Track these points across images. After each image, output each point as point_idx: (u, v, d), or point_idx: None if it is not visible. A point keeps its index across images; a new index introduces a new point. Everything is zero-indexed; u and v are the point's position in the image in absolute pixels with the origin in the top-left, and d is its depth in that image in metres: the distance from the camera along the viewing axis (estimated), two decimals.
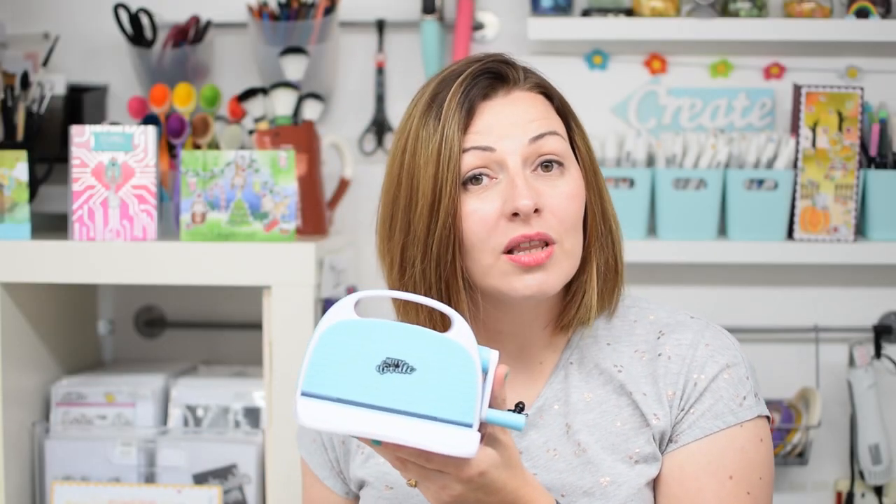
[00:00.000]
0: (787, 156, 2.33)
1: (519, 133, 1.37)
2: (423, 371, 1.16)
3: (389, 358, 1.16)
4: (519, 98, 1.40)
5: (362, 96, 2.51)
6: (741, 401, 1.39)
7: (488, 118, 1.38)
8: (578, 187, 1.39)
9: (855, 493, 2.42)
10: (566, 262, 1.38)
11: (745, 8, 2.37)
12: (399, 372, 1.15)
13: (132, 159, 2.09)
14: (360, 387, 1.15)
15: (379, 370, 1.15)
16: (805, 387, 2.42)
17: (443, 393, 1.16)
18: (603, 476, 1.38)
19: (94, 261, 2.08)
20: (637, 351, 1.42)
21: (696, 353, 1.40)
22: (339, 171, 2.42)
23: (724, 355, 1.41)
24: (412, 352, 1.16)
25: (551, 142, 1.38)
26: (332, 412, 1.14)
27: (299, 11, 2.40)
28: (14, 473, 2.15)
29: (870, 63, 2.44)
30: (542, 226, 1.36)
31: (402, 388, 1.15)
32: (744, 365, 1.42)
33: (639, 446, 1.38)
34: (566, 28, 2.39)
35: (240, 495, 2.15)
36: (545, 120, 1.39)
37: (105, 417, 2.21)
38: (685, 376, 1.39)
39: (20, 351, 2.17)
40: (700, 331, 1.42)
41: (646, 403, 1.39)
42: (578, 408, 1.41)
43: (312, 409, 1.15)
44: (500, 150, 1.36)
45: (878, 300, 2.46)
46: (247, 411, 2.19)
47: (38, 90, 2.30)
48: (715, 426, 1.38)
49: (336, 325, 1.17)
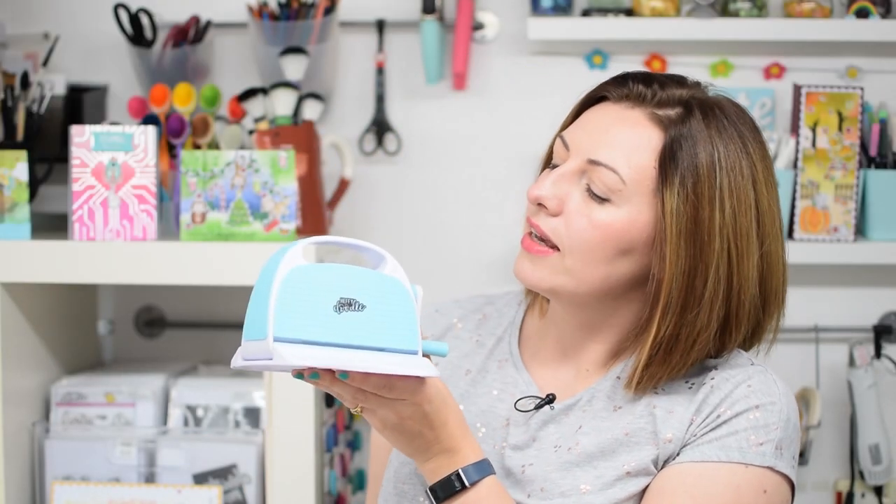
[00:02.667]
0: (787, 156, 2.33)
1: (589, 147, 1.37)
2: (372, 307, 1.24)
3: (343, 298, 1.23)
4: (629, 118, 1.37)
5: (362, 96, 2.51)
6: (758, 445, 1.33)
7: (592, 118, 1.40)
8: (614, 224, 1.35)
9: (855, 493, 2.42)
10: (562, 275, 1.37)
11: (745, 8, 2.37)
12: (353, 310, 1.23)
13: (132, 159, 2.09)
14: (323, 327, 1.22)
15: (336, 309, 1.22)
16: (805, 387, 2.42)
17: (390, 325, 1.24)
18: (585, 482, 1.36)
19: (94, 261, 2.08)
20: (687, 382, 1.39)
21: (736, 390, 1.35)
22: (339, 171, 2.42)
23: (760, 398, 1.35)
24: (360, 290, 1.24)
25: (602, 173, 1.35)
26: (307, 352, 1.21)
27: (299, 11, 2.40)
28: (14, 473, 2.15)
29: (870, 63, 2.44)
30: (547, 225, 1.38)
31: (357, 325, 1.23)
32: (779, 416, 1.35)
33: (636, 460, 1.36)
34: (566, 28, 2.39)
35: (240, 495, 2.15)
36: (619, 151, 1.35)
37: (105, 417, 2.21)
38: (714, 407, 1.35)
39: (20, 351, 2.17)
40: (752, 374, 1.37)
41: (665, 421, 1.36)
42: (602, 415, 1.40)
43: (291, 351, 1.20)
44: (572, 149, 1.39)
45: (878, 300, 2.46)
46: (247, 411, 2.19)
47: (38, 90, 2.30)
48: (716, 455, 1.33)
49: (292, 272, 1.22)
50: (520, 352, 1.50)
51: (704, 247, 1.33)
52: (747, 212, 1.35)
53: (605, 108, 1.40)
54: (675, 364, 1.36)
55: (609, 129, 1.37)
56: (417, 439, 1.29)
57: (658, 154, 1.34)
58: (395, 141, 2.51)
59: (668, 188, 1.33)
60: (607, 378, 1.43)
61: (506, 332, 1.53)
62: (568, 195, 1.37)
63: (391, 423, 1.28)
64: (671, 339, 1.35)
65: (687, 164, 1.33)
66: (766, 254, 1.38)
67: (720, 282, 1.34)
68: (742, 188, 1.35)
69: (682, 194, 1.32)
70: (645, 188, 1.35)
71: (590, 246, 1.36)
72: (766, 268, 1.39)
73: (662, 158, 1.34)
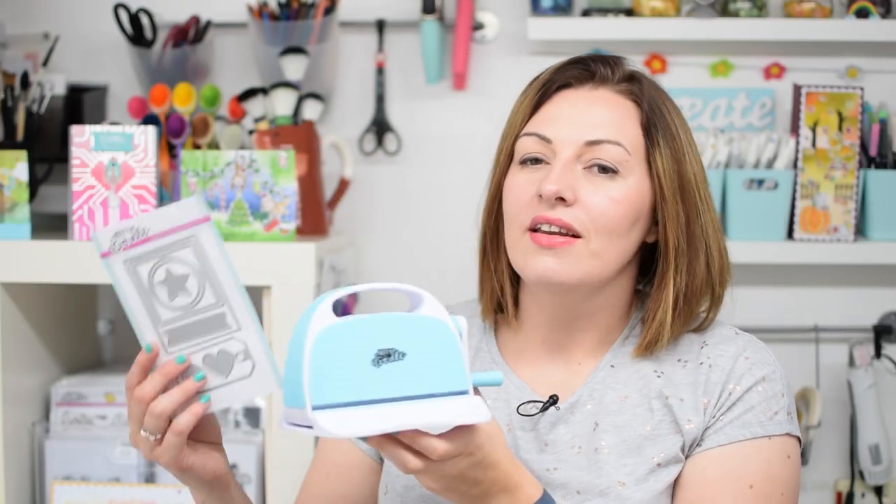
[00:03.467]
0: (787, 156, 2.33)
1: (579, 131, 1.40)
2: (413, 353, 1.19)
3: (381, 349, 1.19)
4: (601, 97, 1.43)
5: (362, 96, 2.51)
6: (772, 415, 1.39)
7: (559, 107, 1.42)
8: (628, 195, 1.39)
9: (855, 493, 2.42)
10: (590, 261, 1.39)
11: (745, 8, 2.37)
12: (393, 360, 1.19)
13: (132, 159, 2.09)
14: (363, 385, 1.17)
15: (375, 363, 1.18)
16: (805, 387, 2.42)
17: (435, 368, 1.20)
18: (620, 478, 1.37)
19: (94, 261, 2.06)
20: (680, 360, 1.43)
21: (736, 365, 1.41)
22: (339, 171, 2.42)
23: (762, 369, 1.42)
24: (398, 338, 1.19)
25: (608, 149, 1.39)
26: (349, 417, 1.17)
27: (299, 11, 2.40)
28: (14, 473, 2.15)
29: (870, 63, 2.44)
30: (568, 216, 1.38)
31: (400, 375, 1.18)
32: (781, 382, 1.42)
33: (664, 450, 1.38)
34: (566, 28, 2.39)
35: None
36: (612, 127, 1.40)
37: (105, 417, 2.21)
38: (722, 385, 1.40)
39: (20, 351, 2.17)
40: (743, 345, 1.44)
41: (681, 409, 1.39)
42: (611, 408, 1.41)
43: (332, 419, 1.16)
44: (556, 141, 1.40)
45: (878, 300, 2.46)
46: (247, 411, 2.19)
47: (38, 90, 2.30)
48: (741, 434, 1.38)
49: (322, 333, 1.18)
50: (502, 357, 1.49)
51: (690, 198, 1.42)
52: (701, 161, 1.45)
53: (571, 93, 1.44)
54: (689, 314, 1.43)
55: (590, 110, 1.41)
56: (475, 488, 1.25)
57: (640, 122, 1.42)
58: (395, 141, 2.51)
59: (656, 151, 1.41)
60: (600, 369, 1.44)
61: (481, 341, 1.51)
62: (576, 182, 1.39)
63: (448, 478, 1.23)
64: (688, 290, 1.42)
65: (663, 126, 1.42)
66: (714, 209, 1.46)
67: (708, 228, 1.43)
68: (694, 142, 1.46)
69: (666, 154, 1.41)
70: (640, 156, 1.41)
71: (615, 223, 1.39)
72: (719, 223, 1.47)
73: (646, 126, 1.42)
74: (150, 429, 1.27)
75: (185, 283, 1.26)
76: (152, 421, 1.26)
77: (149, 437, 1.27)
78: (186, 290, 1.26)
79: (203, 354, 1.27)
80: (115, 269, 1.26)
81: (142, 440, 1.28)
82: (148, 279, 1.27)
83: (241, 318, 1.27)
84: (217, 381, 1.28)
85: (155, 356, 1.27)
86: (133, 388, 1.27)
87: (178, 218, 1.25)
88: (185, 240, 1.26)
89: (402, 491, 1.45)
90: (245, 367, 1.28)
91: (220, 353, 1.27)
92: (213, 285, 1.27)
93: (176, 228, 1.26)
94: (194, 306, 1.27)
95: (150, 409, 1.26)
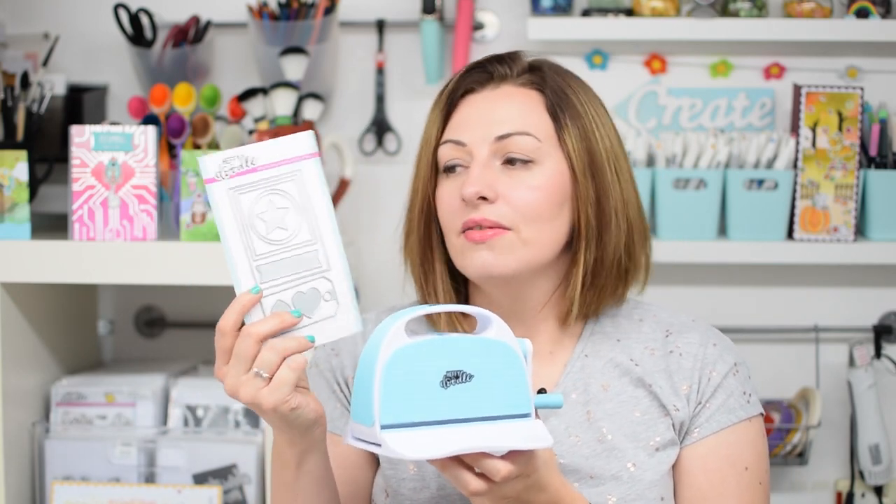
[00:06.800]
0: (787, 156, 2.33)
1: (487, 130, 1.45)
2: (480, 376, 1.22)
3: (449, 371, 1.21)
4: (504, 94, 1.48)
5: (362, 96, 2.51)
6: (748, 398, 1.48)
7: (467, 112, 1.47)
8: (548, 181, 1.44)
9: (855, 493, 2.42)
10: (524, 249, 1.43)
11: (745, 8, 2.37)
12: (460, 382, 1.22)
13: (132, 159, 2.09)
14: (431, 406, 1.20)
15: (443, 385, 1.21)
16: (805, 387, 2.42)
17: (501, 391, 1.23)
18: (629, 461, 1.43)
19: (94, 261, 2.08)
20: (647, 348, 1.49)
21: (707, 352, 1.48)
22: (339, 171, 2.42)
23: (731, 355, 1.49)
24: (466, 360, 1.22)
25: (518, 141, 1.44)
26: (417, 438, 1.19)
27: (299, 11, 2.40)
28: (14, 473, 2.15)
29: (870, 63, 2.44)
30: (493, 213, 1.42)
31: (466, 397, 1.21)
32: (745, 365, 1.51)
33: (659, 434, 1.45)
34: (566, 28, 2.39)
35: (240, 495, 2.15)
36: (518, 119, 1.45)
37: (105, 417, 2.21)
38: (699, 372, 1.47)
39: (20, 351, 2.17)
40: (705, 332, 1.51)
41: (664, 395, 1.46)
42: (599, 398, 1.46)
43: (400, 439, 1.19)
44: (470, 143, 1.45)
45: (878, 300, 2.46)
46: (247, 411, 2.19)
47: (38, 90, 2.30)
48: (729, 420, 1.46)
49: (395, 354, 1.20)
50: None
51: (600, 174, 1.46)
52: (615, 137, 1.49)
53: (474, 98, 1.49)
54: (602, 287, 1.47)
55: (494, 108, 1.46)
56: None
57: (546, 108, 1.46)
58: (395, 141, 2.51)
59: (565, 132, 1.45)
60: (575, 359, 1.48)
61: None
62: (495, 180, 1.43)
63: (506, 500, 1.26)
64: (597, 264, 1.46)
65: (568, 107, 1.46)
66: (632, 178, 1.50)
67: (618, 203, 1.46)
68: (605, 116, 1.50)
69: (574, 134, 1.45)
70: (552, 141, 1.45)
71: (539, 210, 1.43)
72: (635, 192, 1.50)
73: (551, 110, 1.46)
74: (266, 365, 1.25)
75: (284, 218, 1.27)
76: (271, 357, 1.25)
77: (261, 374, 1.25)
78: (284, 224, 1.27)
79: (294, 292, 1.28)
80: (218, 196, 1.26)
81: (249, 382, 1.26)
82: (249, 210, 1.27)
83: (332, 258, 1.28)
84: (304, 320, 1.28)
85: (259, 299, 1.27)
86: (231, 328, 1.27)
87: (287, 151, 1.26)
88: (291, 173, 1.27)
89: (409, 494, 1.46)
90: (330, 308, 1.29)
91: (310, 291, 1.28)
92: (310, 222, 1.28)
93: (284, 161, 1.27)
94: (289, 242, 1.27)
95: (270, 345, 1.25)
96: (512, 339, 1.25)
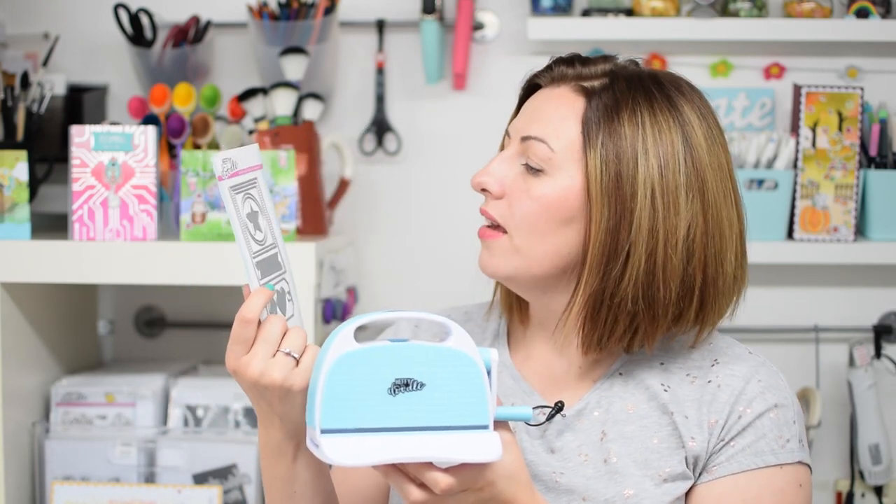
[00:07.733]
0: (787, 156, 2.33)
1: (524, 127, 1.42)
2: (433, 384, 1.19)
3: (398, 379, 1.19)
4: (556, 95, 1.42)
5: (362, 96, 2.51)
6: (784, 443, 1.37)
7: (528, 105, 1.45)
8: (552, 194, 1.37)
9: (855, 493, 2.42)
10: (514, 256, 1.40)
11: (745, 8, 2.37)
12: (410, 390, 1.19)
13: (132, 159, 2.09)
14: (376, 413, 1.18)
15: (391, 392, 1.19)
16: (805, 387, 2.42)
17: (455, 401, 1.19)
18: (627, 489, 1.37)
19: (94, 261, 2.08)
20: (689, 375, 1.41)
21: (747, 387, 1.38)
22: (339, 171, 2.42)
23: (774, 395, 1.39)
24: (418, 368, 1.19)
25: (534, 146, 1.40)
26: (356, 444, 1.17)
27: (299, 11, 2.40)
28: (14, 473, 2.15)
29: (870, 63, 2.44)
30: (495, 209, 1.42)
31: (416, 406, 1.18)
32: (793, 409, 1.40)
33: (670, 466, 1.37)
34: (566, 28, 2.39)
35: (240, 495, 2.15)
36: (547, 124, 1.39)
37: (105, 417, 2.21)
38: (731, 407, 1.38)
39: (20, 351, 2.17)
40: (755, 367, 1.41)
41: (685, 426, 1.38)
42: (619, 418, 1.40)
43: (337, 445, 1.17)
44: (512, 136, 1.44)
45: (878, 300, 2.46)
46: (247, 411, 2.19)
47: (38, 90, 2.30)
48: (753, 463, 1.36)
49: (340, 359, 1.19)
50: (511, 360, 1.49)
51: (624, 201, 1.34)
52: (676, 168, 1.35)
53: (538, 93, 1.45)
54: (603, 321, 1.37)
55: (539, 107, 1.42)
56: None
57: (582, 119, 1.38)
58: (395, 141, 2.51)
59: (591, 150, 1.36)
60: (608, 376, 1.43)
61: (493, 345, 1.51)
62: (508, 177, 1.41)
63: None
64: (596, 295, 1.36)
65: (609, 125, 1.36)
66: (709, 217, 1.38)
67: (642, 235, 1.34)
68: (670, 145, 1.36)
69: (600, 153, 1.35)
70: (575, 155, 1.37)
71: (532, 220, 1.38)
72: (710, 230, 1.38)
73: (585, 123, 1.37)
74: (296, 347, 1.27)
75: (259, 220, 1.29)
76: (299, 340, 1.27)
77: (293, 355, 1.26)
78: (260, 226, 1.30)
79: (279, 288, 1.31)
80: (225, 193, 1.27)
81: (279, 362, 1.26)
82: (243, 209, 1.29)
83: (286, 262, 1.32)
84: None
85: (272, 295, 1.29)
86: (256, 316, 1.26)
87: (251, 159, 1.29)
88: (255, 180, 1.30)
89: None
90: (292, 308, 1.32)
91: (281, 291, 1.31)
92: (271, 226, 1.31)
93: (250, 168, 1.29)
94: (265, 242, 1.30)
95: (295, 328, 1.28)
96: (472, 348, 1.21)
